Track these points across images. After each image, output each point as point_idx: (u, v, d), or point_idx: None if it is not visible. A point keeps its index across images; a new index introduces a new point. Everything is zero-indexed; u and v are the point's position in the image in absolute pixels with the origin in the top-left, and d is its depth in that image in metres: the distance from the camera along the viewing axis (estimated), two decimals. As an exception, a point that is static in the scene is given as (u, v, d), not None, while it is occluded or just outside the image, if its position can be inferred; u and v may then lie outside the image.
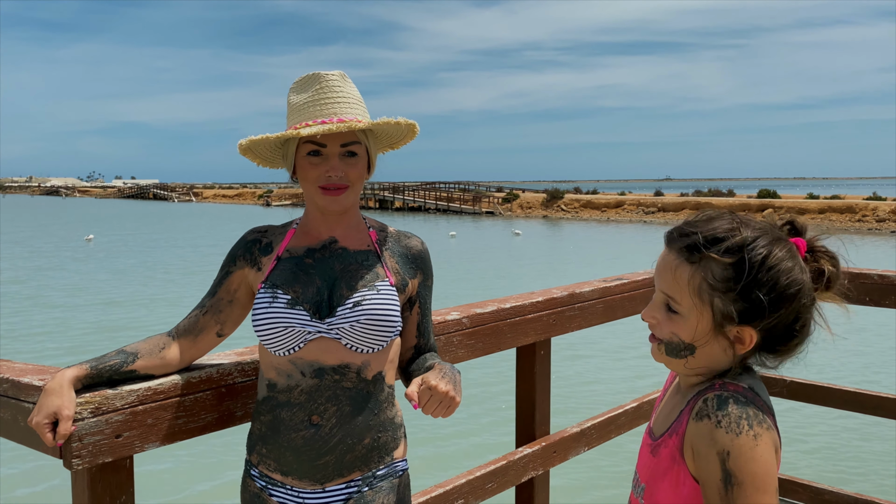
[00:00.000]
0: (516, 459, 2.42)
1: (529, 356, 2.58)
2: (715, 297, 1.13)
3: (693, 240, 1.16)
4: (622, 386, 9.04)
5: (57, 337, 12.30)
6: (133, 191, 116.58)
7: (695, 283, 1.15)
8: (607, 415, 2.82)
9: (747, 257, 1.12)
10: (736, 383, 1.14)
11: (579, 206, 49.67)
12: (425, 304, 1.67)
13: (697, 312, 1.15)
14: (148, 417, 1.51)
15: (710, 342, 1.16)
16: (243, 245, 1.63)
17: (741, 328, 1.14)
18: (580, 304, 2.68)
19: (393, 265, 1.60)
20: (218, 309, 1.61)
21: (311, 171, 1.52)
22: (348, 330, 1.50)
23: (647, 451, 1.26)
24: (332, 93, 1.51)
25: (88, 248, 28.49)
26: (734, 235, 1.14)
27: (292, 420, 1.51)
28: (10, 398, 1.52)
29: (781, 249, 1.14)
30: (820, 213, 38.95)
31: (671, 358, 1.21)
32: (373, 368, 1.55)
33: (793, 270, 1.12)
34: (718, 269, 1.13)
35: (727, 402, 1.09)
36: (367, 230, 1.63)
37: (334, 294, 1.52)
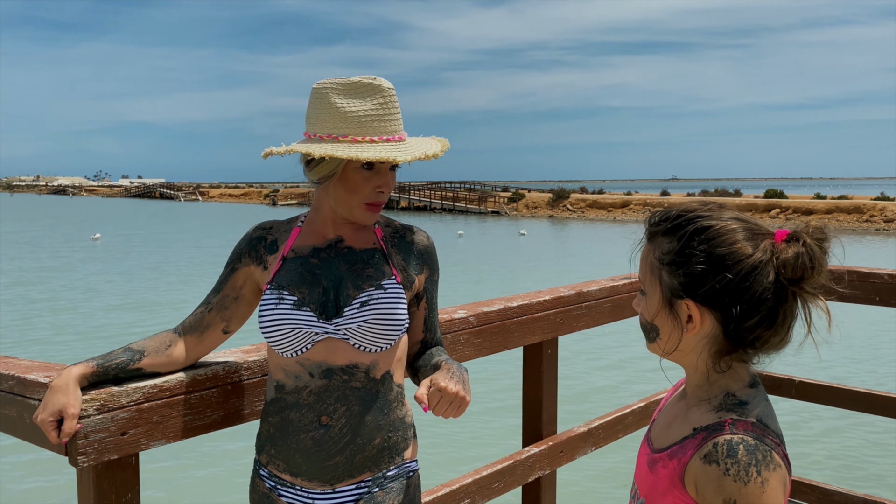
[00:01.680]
0: (523, 459, 2.41)
1: (536, 355, 2.56)
2: (662, 271, 1.17)
3: (653, 220, 1.21)
4: (629, 385, 9.02)
5: (63, 336, 12.35)
6: (139, 190, 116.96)
7: (649, 259, 1.20)
8: (614, 414, 2.81)
9: (687, 227, 1.14)
10: (745, 419, 1.11)
11: (585, 206, 49.60)
12: (432, 298, 1.66)
13: (651, 288, 1.19)
14: (154, 415, 1.51)
15: (664, 319, 1.18)
16: (248, 242, 1.61)
17: (688, 303, 1.14)
18: (588, 303, 2.66)
19: (399, 262, 1.59)
20: (223, 306, 1.60)
21: (363, 185, 1.49)
22: (356, 330, 1.49)
23: (644, 461, 1.24)
24: (394, 109, 1.49)
25: (95, 247, 28.60)
26: (684, 212, 1.17)
27: (301, 421, 1.50)
28: (16, 395, 1.52)
29: (732, 224, 1.13)
30: (827, 214, 38.78)
31: (650, 345, 1.23)
32: (381, 367, 1.54)
33: (737, 242, 1.11)
34: (665, 242, 1.17)
35: (737, 448, 1.07)
36: (372, 228, 1.61)
37: (341, 294, 1.51)
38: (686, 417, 1.19)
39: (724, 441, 1.08)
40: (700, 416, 1.16)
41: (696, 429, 1.14)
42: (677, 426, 1.20)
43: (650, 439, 1.26)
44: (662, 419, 1.28)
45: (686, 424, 1.18)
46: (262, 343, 1.80)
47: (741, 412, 1.13)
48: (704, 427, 1.13)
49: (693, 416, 1.18)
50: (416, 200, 57.47)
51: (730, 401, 1.15)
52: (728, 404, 1.15)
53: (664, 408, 1.32)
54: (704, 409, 1.17)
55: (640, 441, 1.32)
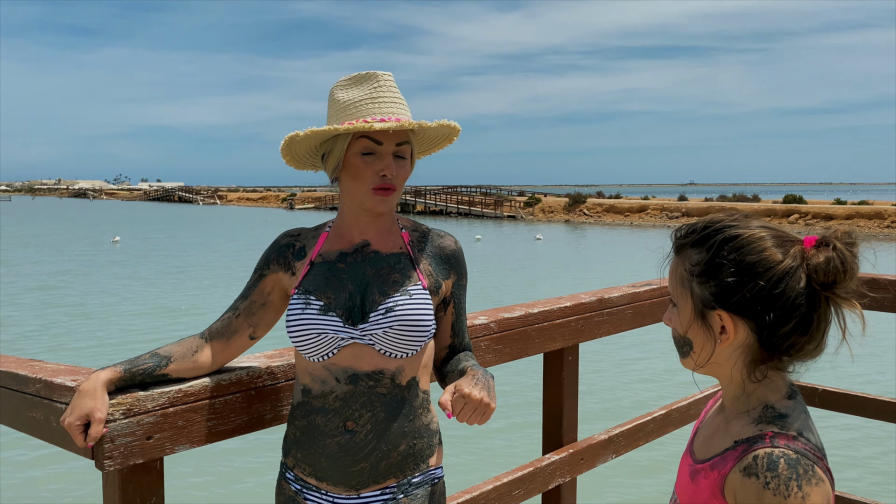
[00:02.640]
0: (543, 466, 2.40)
1: (557, 362, 2.55)
2: (693, 282, 1.17)
3: (680, 234, 1.21)
4: (650, 393, 8.96)
5: (84, 340, 12.47)
6: (158, 193, 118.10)
7: (678, 271, 1.20)
8: (635, 422, 2.78)
9: (715, 238, 1.14)
10: (786, 433, 1.10)
11: (602, 211, 49.39)
12: (459, 303, 1.64)
13: (683, 301, 1.19)
14: (178, 419, 1.51)
15: (698, 332, 1.17)
16: (277, 249, 1.62)
17: (721, 314, 1.14)
18: (609, 310, 2.65)
19: (426, 267, 1.58)
20: (251, 312, 1.61)
21: (364, 170, 1.49)
22: (381, 336, 1.48)
23: (686, 471, 1.23)
24: (390, 92, 1.50)
25: (115, 250, 28.89)
26: (712, 223, 1.17)
27: (327, 426, 1.50)
28: (43, 398, 1.53)
29: (760, 232, 1.13)
30: (847, 219, 38.33)
31: (684, 359, 1.23)
32: (407, 374, 1.53)
33: (767, 249, 1.11)
34: (694, 254, 1.17)
35: (777, 462, 1.06)
36: (399, 232, 1.61)
37: (367, 299, 1.51)
38: (727, 430, 1.19)
39: (764, 454, 1.07)
40: (740, 429, 1.16)
41: (736, 441, 1.14)
42: (719, 438, 1.20)
43: (692, 450, 1.26)
44: (704, 431, 1.27)
45: (727, 437, 1.17)
46: (285, 348, 1.81)
47: (781, 425, 1.12)
48: (745, 440, 1.12)
49: (733, 428, 1.17)
50: (433, 205, 57.54)
51: (769, 413, 1.15)
52: (768, 417, 1.14)
53: (705, 420, 1.31)
54: (744, 421, 1.16)
55: (659, 448, 1.30)
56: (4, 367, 1.65)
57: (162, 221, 52.48)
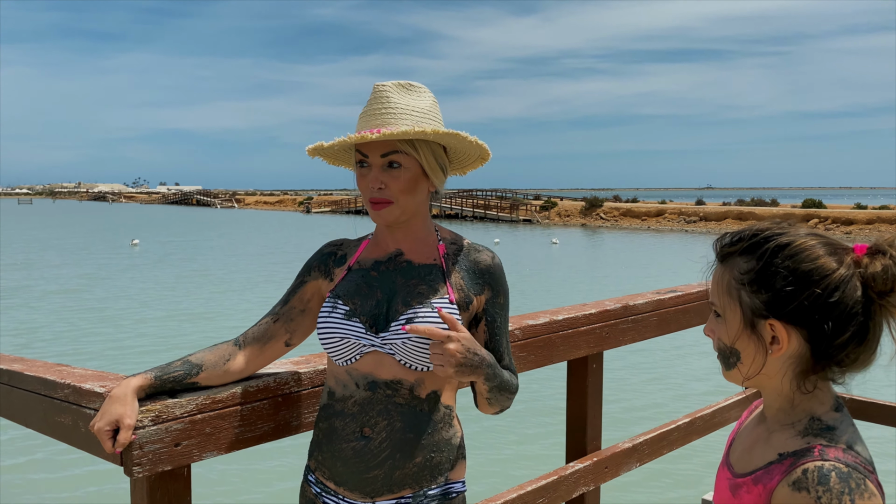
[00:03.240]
0: (567, 475, 2.37)
1: (581, 370, 2.53)
2: (741, 291, 1.14)
3: (725, 240, 1.19)
4: (674, 401, 8.88)
5: (104, 344, 12.58)
6: (177, 197, 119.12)
7: (724, 280, 1.17)
8: (660, 430, 2.76)
9: (766, 246, 1.12)
10: (836, 446, 1.08)
11: (619, 215, 49.17)
12: (493, 322, 1.58)
13: (730, 311, 1.15)
14: (206, 426, 1.51)
15: (746, 342, 1.14)
16: (319, 257, 1.64)
17: (773, 323, 1.11)
18: (633, 317, 2.62)
19: (457, 281, 1.55)
20: (289, 318, 1.61)
21: (360, 182, 1.52)
22: (400, 346, 1.47)
23: (725, 485, 1.20)
24: (379, 104, 1.48)
25: (135, 253, 29.18)
26: (761, 231, 1.15)
27: (345, 430, 1.50)
28: (72, 404, 1.54)
29: (814, 240, 1.11)
30: (868, 224, 37.86)
31: (728, 371, 1.19)
32: (427, 387, 1.51)
33: (820, 257, 1.09)
34: (742, 262, 1.14)
35: (829, 476, 1.03)
36: (436, 243, 1.59)
37: (391, 309, 1.50)
38: (769, 442, 1.16)
39: (814, 467, 1.04)
40: (786, 441, 1.13)
41: (782, 454, 1.11)
42: (760, 450, 1.17)
43: (730, 463, 1.23)
44: (742, 443, 1.24)
45: (770, 449, 1.14)
46: (311, 354, 1.81)
47: (830, 437, 1.09)
48: (792, 452, 1.10)
49: (777, 440, 1.14)
50: (448, 208, 57.55)
51: (816, 425, 1.12)
52: (815, 429, 1.11)
53: (742, 431, 1.28)
54: (789, 433, 1.13)
55: (684, 457, 1.27)
56: (32, 372, 1.66)
57: (180, 225, 52.95)
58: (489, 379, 1.47)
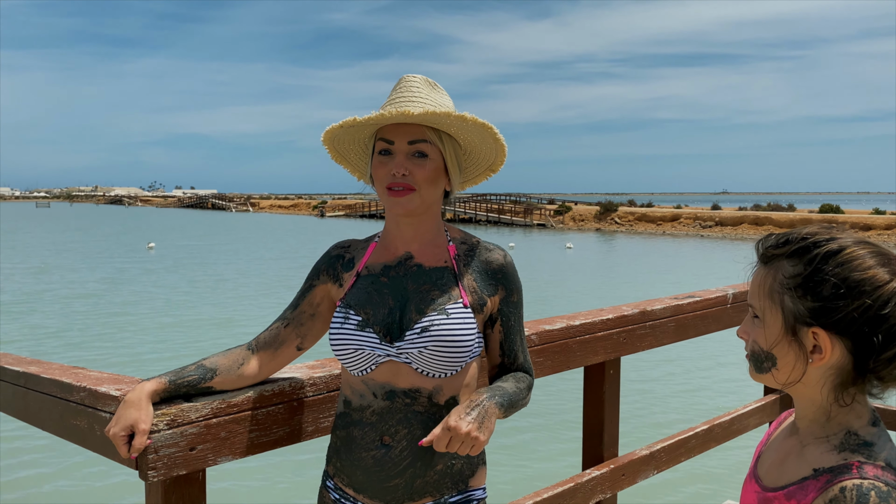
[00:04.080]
0: (584, 482, 2.35)
1: (598, 376, 2.50)
2: (785, 296, 1.10)
3: (769, 244, 1.15)
4: (692, 407, 8.79)
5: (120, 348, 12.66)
6: (192, 200, 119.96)
7: (767, 283, 1.13)
8: (677, 437, 2.72)
9: (815, 251, 1.08)
10: (874, 463, 1.04)
11: (634, 220, 48.94)
12: (508, 321, 1.56)
13: (771, 315, 1.12)
14: (221, 430, 1.50)
15: (786, 349, 1.11)
16: (327, 260, 1.61)
17: (816, 332, 1.07)
18: (651, 322, 2.59)
19: (470, 283, 1.52)
20: (300, 322, 1.59)
21: (379, 169, 1.48)
22: (417, 355, 1.45)
23: (753, 499, 1.17)
24: (409, 92, 1.47)
25: (151, 257, 29.39)
26: (809, 235, 1.11)
27: (364, 439, 1.49)
28: (88, 407, 1.53)
29: (862, 249, 1.07)
30: (887, 230, 37.44)
31: (760, 374, 1.16)
32: (445, 393, 1.49)
33: (872, 268, 1.05)
34: (789, 266, 1.11)
35: (868, 495, 0.99)
36: (446, 244, 1.56)
37: (405, 317, 1.48)
38: (802, 455, 1.13)
39: (852, 486, 1.01)
40: (820, 457, 1.09)
41: (817, 469, 1.07)
42: (792, 464, 1.13)
43: (758, 476, 1.20)
44: (771, 456, 1.21)
45: (804, 463, 1.11)
46: (327, 359, 1.79)
47: (868, 454, 1.06)
48: (829, 469, 1.06)
49: (811, 454, 1.11)
50: (462, 212, 57.53)
51: (853, 440, 1.08)
52: (852, 444, 1.08)
53: (771, 443, 1.25)
54: (824, 447, 1.10)
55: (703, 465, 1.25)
56: (49, 375, 1.66)
57: (196, 229, 53.28)
58: (503, 408, 1.44)
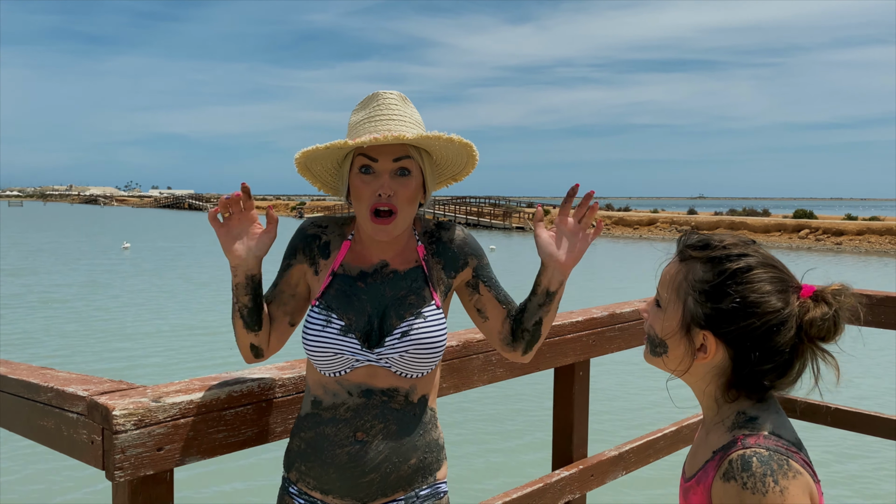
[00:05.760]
0: (553, 482, 2.38)
1: (568, 377, 2.53)
2: (689, 296, 1.20)
3: (689, 241, 1.24)
4: (660, 409, 8.89)
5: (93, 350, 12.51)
6: (169, 201, 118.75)
7: (678, 278, 1.22)
8: (646, 438, 2.76)
9: (727, 265, 1.17)
10: (756, 433, 1.14)
11: (611, 223, 49.29)
12: (489, 279, 1.62)
13: (672, 308, 1.22)
14: (189, 430, 1.51)
15: (677, 341, 1.21)
16: (303, 238, 1.60)
17: (706, 334, 1.18)
18: (620, 325, 2.63)
19: (438, 276, 1.58)
20: (282, 301, 1.59)
21: (363, 189, 1.47)
22: (397, 359, 1.49)
23: (681, 491, 1.27)
24: (388, 110, 1.49)
25: (125, 257, 29.04)
26: (727, 246, 1.20)
27: (337, 436, 1.50)
28: (55, 407, 1.53)
29: (766, 273, 1.17)
30: (858, 235, 38.08)
31: (653, 357, 1.27)
32: (419, 391, 1.54)
33: (769, 294, 1.15)
34: (700, 270, 1.20)
35: (750, 461, 1.09)
36: (416, 246, 1.60)
37: (385, 323, 1.51)
38: (706, 442, 1.23)
39: (737, 457, 1.11)
40: (717, 439, 1.20)
41: (714, 451, 1.18)
42: (701, 452, 1.24)
43: (684, 470, 1.30)
44: (691, 449, 1.32)
45: (706, 449, 1.22)
46: (297, 360, 1.80)
47: (752, 427, 1.16)
48: (721, 448, 1.17)
49: (711, 439, 1.22)
50: (441, 215, 57.59)
51: (741, 419, 1.19)
52: (740, 422, 1.18)
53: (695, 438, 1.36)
54: (720, 431, 1.21)
55: (671, 465, 1.34)
56: (16, 375, 1.65)
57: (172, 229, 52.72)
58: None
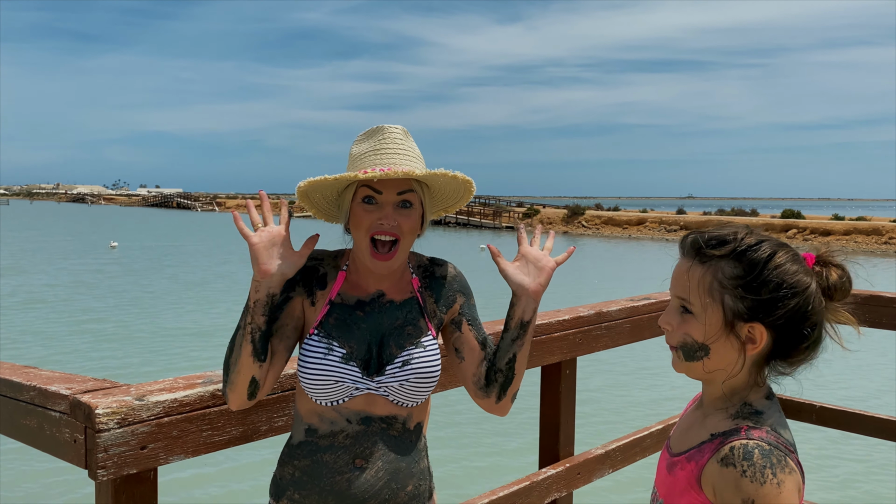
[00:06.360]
0: (540, 480, 2.38)
1: (554, 375, 2.54)
2: (725, 295, 1.20)
3: (705, 241, 1.24)
4: (647, 407, 8.93)
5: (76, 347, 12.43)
6: (157, 199, 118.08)
7: (706, 281, 1.21)
8: (632, 437, 2.77)
9: (754, 256, 1.20)
10: (760, 427, 1.18)
11: (600, 223, 49.45)
12: (474, 319, 1.65)
13: (709, 311, 1.21)
14: (173, 429, 1.50)
15: (722, 341, 1.21)
16: (301, 270, 1.55)
17: (752, 325, 1.19)
18: (607, 324, 2.64)
19: (431, 308, 1.60)
20: (285, 335, 1.54)
21: (364, 217, 1.48)
22: (397, 388, 1.50)
23: (664, 465, 1.30)
24: (394, 144, 1.50)
25: (112, 256, 28.87)
26: (743, 238, 1.23)
27: (336, 463, 1.49)
28: (37, 406, 1.52)
29: (785, 253, 1.22)
30: (845, 235, 38.37)
31: (689, 363, 1.26)
32: (415, 419, 1.57)
33: (798, 272, 1.20)
34: (728, 267, 1.20)
35: (752, 452, 1.13)
36: (410, 277, 1.61)
37: (384, 352, 1.51)
38: (704, 424, 1.26)
39: (740, 445, 1.15)
40: (717, 423, 1.23)
41: (713, 434, 1.21)
42: (695, 432, 1.26)
43: (669, 445, 1.33)
44: (681, 426, 1.34)
45: (703, 430, 1.24)
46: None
47: (756, 420, 1.20)
48: (722, 433, 1.20)
49: (710, 422, 1.24)
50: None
51: (746, 409, 1.22)
52: (745, 413, 1.22)
53: (683, 417, 1.38)
54: (721, 416, 1.23)
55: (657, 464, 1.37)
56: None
57: (160, 229, 52.43)
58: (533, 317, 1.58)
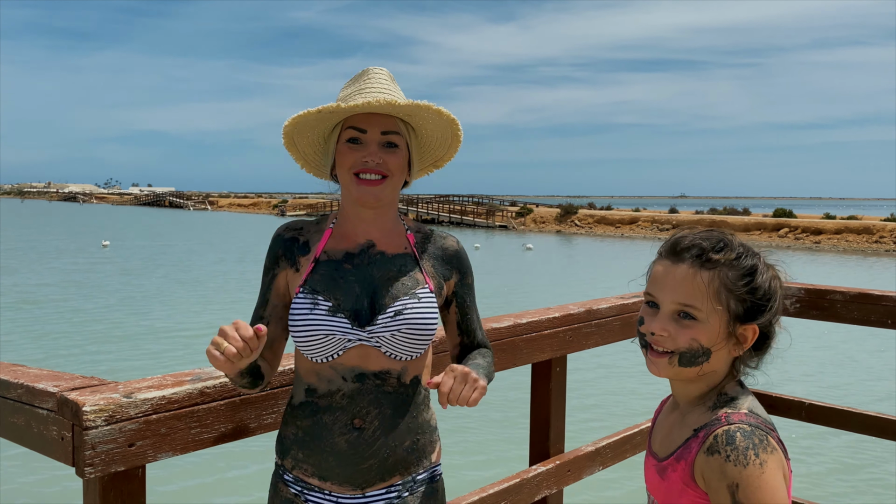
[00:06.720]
0: (530, 478, 2.39)
1: (545, 372, 2.55)
2: (731, 299, 1.24)
3: (707, 248, 1.27)
4: (637, 404, 8.96)
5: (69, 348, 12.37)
6: (149, 198, 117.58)
7: (714, 286, 1.24)
8: (622, 434, 2.78)
9: (750, 262, 1.26)
10: (738, 410, 1.23)
11: (593, 222, 49.53)
12: (464, 302, 1.65)
13: (717, 316, 1.24)
14: (161, 426, 1.50)
15: (723, 345, 1.25)
16: (282, 244, 1.58)
17: (745, 326, 1.25)
18: (597, 321, 2.65)
19: (429, 268, 1.58)
20: (278, 316, 1.57)
21: (348, 155, 1.48)
22: (388, 338, 1.49)
23: (653, 471, 1.32)
24: (379, 84, 1.50)
25: (105, 254, 28.75)
26: (735, 246, 1.28)
27: (335, 424, 1.50)
28: (25, 404, 1.52)
29: (760, 258, 1.30)
30: (836, 234, 38.56)
31: (684, 368, 1.27)
32: (411, 373, 1.55)
33: (776, 276, 1.29)
34: (730, 272, 1.25)
35: (734, 435, 1.17)
36: (404, 233, 1.60)
37: (376, 302, 1.50)
38: (684, 423, 1.29)
39: (722, 432, 1.18)
40: (698, 418, 1.27)
41: (696, 429, 1.24)
42: (677, 432, 1.29)
43: (653, 452, 1.35)
44: (660, 432, 1.36)
45: (686, 428, 1.27)
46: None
47: (733, 405, 1.25)
48: (704, 425, 1.23)
49: (691, 419, 1.28)
50: (424, 213, 57.53)
51: (722, 399, 1.27)
52: (721, 402, 1.26)
53: (658, 422, 1.41)
54: (701, 411, 1.27)
55: None
56: (-14, 372, 1.63)
57: (152, 227, 52.25)
58: (487, 380, 1.51)
